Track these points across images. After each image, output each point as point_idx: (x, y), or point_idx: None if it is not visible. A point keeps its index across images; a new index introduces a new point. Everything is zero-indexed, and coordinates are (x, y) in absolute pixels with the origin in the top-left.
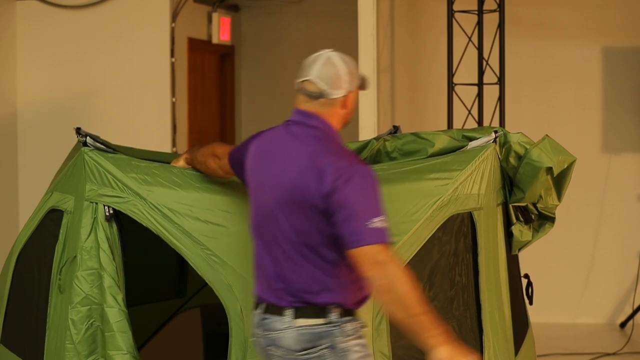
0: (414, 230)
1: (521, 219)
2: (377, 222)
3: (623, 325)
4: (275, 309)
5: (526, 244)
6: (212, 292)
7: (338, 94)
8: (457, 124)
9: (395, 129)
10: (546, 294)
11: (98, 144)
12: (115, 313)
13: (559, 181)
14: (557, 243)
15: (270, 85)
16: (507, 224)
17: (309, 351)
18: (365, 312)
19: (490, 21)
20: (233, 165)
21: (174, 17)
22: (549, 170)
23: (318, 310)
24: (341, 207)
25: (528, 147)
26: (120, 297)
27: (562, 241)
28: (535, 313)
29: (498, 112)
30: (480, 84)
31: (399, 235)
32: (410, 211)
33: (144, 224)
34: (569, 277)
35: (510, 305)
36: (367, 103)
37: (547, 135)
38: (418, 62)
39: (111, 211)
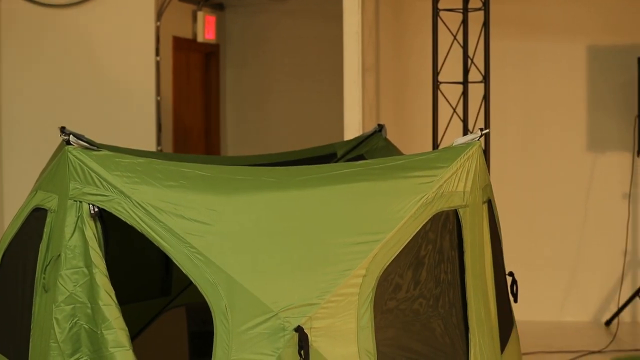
0: (399, 227)
1: None
2: None
3: (608, 323)
4: None
5: None
6: (197, 291)
7: None
8: (442, 122)
9: (380, 128)
10: (531, 292)
11: (82, 143)
12: (113, 310)
13: None
14: (542, 241)
15: (255, 84)
16: (493, 222)
17: None
18: (350, 309)
19: (475, 20)
20: None
21: (159, 15)
22: None
23: None
24: None
25: None
26: (114, 294)
27: (547, 239)
28: (520, 311)
29: (483, 111)
30: (465, 83)
31: (383, 232)
32: (395, 209)
33: (128, 222)
34: (554, 275)
35: (495, 303)
36: (352, 101)
37: None
38: (403, 60)
39: (96, 209)
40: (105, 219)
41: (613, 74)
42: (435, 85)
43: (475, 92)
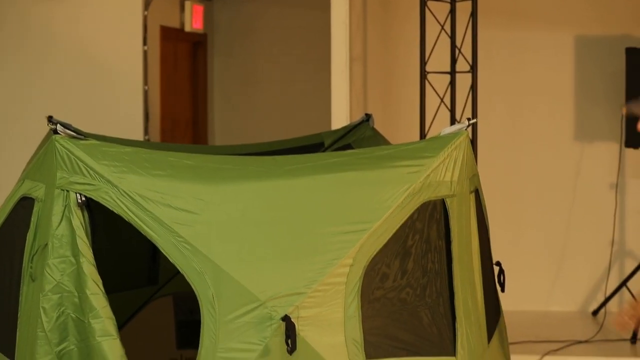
0: (386, 217)
1: None
2: None
3: (595, 313)
4: None
5: None
6: (185, 280)
7: None
8: (430, 112)
9: (368, 117)
10: (518, 281)
11: (69, 132)
12: (100, 299)
13: None
14: (529, 231)
15: (243, 74)
16: (480, 211)
17: None
18: (337, 298)
19: (463, 9)
20: None
21: (146, 5)
22: None
23: None
24: None
25: None
26: (101, 283)
27: (534, 229)
28: (507, 301)
29: (470, 101)
30: (452, 73)
31: (370, 222)
32: (382, 198)
33: (115, 212)
34: (541, 264)
35: (483, 292)
36: (340, 91)
37: None
38: (391, 50)
39: (83, 198)
40: (93, 208)
41: (601, 64)
42: (423, 75)
43: (463, 82)
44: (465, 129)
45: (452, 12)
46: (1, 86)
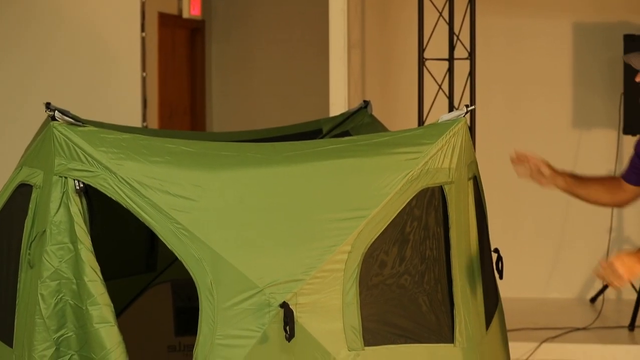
0: (384, 204)
1: None
2: None
3: (593, 300)
4: None
5: None
6: (183, 267)
7: None
8: (428, 99)
9: (366, 104)
10: (516, 268)
11: (67, 119)
12: (98, 286)
13: None
14: (527, 218)
15: (241, 60)
16: (479, 198)
17: None
18: (335, 285)
19: None
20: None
21: None
22: None
23: None
24: None
25: None
26: (99, 270)
27: (532, 216)
28: (505, 288)
29: (469, 87)
30: (450, 59)
31: (368, 209)
32: (380, 185)
33: (113, 198)
34: (539, 252)
35: (481, 279)
36: (338, 78)
37: None
38: (389, 37)
39: (81, 185)
40: (91, 195)
41: (599, 51)
42: (421, 61)
43: (461, 68)
44: (464, 116)
45: None
46: (1, 73)
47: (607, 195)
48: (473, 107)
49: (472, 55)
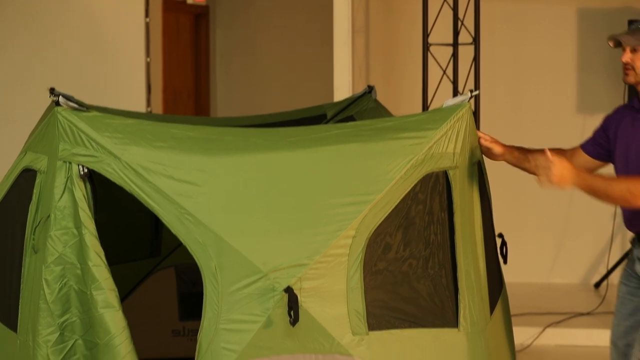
0: (388, 189)
1: None
2: None
3: (597, 285)
4: None
5: None
6: (187, 252)
7: None
8: (432, 84)
9: (370, 89)
10: (520, 253)
11: (71, 104)
12: (103, 271)
13: None
14: (531, 203)
15: (245, 45)
16: (483, 183)
17: None
18: (340, 270)
19: None
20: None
21: None
22: None
23: None
24: None
25: None
26: (103, 254)
27: (536, 201)
28: (509, 273)
29: (473, 73)
30: (455, 45)
31: (373, 193)
32: (385, 170)
33: (117, 183)
34: (543, 237)
35: (485, 264)
36: (342, 63)
37: None
38: (393, 22)
39: (85, 170)
40: (95, 180)
41: (603, 36)
42: (425, 47)
43: (465, 54)
44: (468, 101)
45: None
46: (5, 59)
47: None
48: (477, 92)
49: (476, 41)
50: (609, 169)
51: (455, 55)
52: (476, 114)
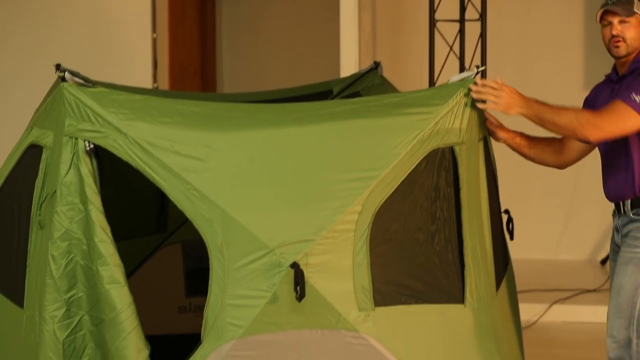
0: (395, 164)
1: None
2: None
3: (604, 262)
4: None
5: None
6: (193, 228)
7: None
8: (439, 60)
9: (376, 65)
10: (527, 230)
11: (77, 80)
12: (109, 246)
13: None
14: (538, 179)
15: (251, 21)
16: (489, 159)
17: None
18: (346, 246)
19: None
20: None
21: None
22: None
23: None
24: None
25: None
26: (109, 230)
27: (543, 177)
28: (515, 249)
29: (479, 49)
30: (462, 21)
31: (379, 169)
32: (391, 145)
33: (123, 159)
34: (550, 213)
35: (491, 240)
36: (348, 39)
37: None
38: None
39: (91, 146)
40: (101, 156)
41: None
42: (432, 23)
43: (472, 30)
44: (474, 77)
45: None
46: (8, 34)
47: (553, 156)
48: (484, 67)
49: (483, 17)
50: None
51: (461, 32)
52: None
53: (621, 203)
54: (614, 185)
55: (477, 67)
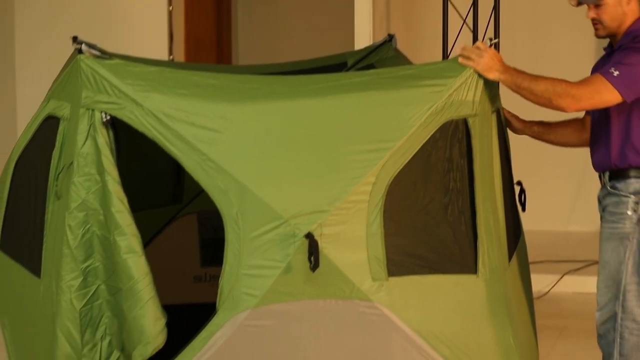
0: (408, 136)
1: None
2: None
3: None
4: None
5: None
6: (209, 198)
7: None
8: (452, 33)
9: (390, 38)
10: (539, 201)
11: (94, 52)
12: (125, 216)
13: None
14: (550, 151)
15: None
16: (502, 131)
17: None
18: (360, 216)
19: None
20: None
21: None
22: None
23: None
24: None
25: None
26: (126, 201)
27: (555, 149)
28: (527, 220)
29: (493, 22)
30: None
31: (393, 140)
32: (405, 117)
33: (140, 130)
34: (561, 184)
35: (504, 211)
36: (363, 11)
37: None
38: None
39: (108, 117)
40: (118, 127)
41: None
42: None
43: (485, 3)
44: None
45: None
46: (29, 8)
47: (574, 135)
48: (497, 40)
49: None
50: None
51: (475, 4)
52: None
53: (602, 174)
54: (596, 157)
55: (490, 39)
